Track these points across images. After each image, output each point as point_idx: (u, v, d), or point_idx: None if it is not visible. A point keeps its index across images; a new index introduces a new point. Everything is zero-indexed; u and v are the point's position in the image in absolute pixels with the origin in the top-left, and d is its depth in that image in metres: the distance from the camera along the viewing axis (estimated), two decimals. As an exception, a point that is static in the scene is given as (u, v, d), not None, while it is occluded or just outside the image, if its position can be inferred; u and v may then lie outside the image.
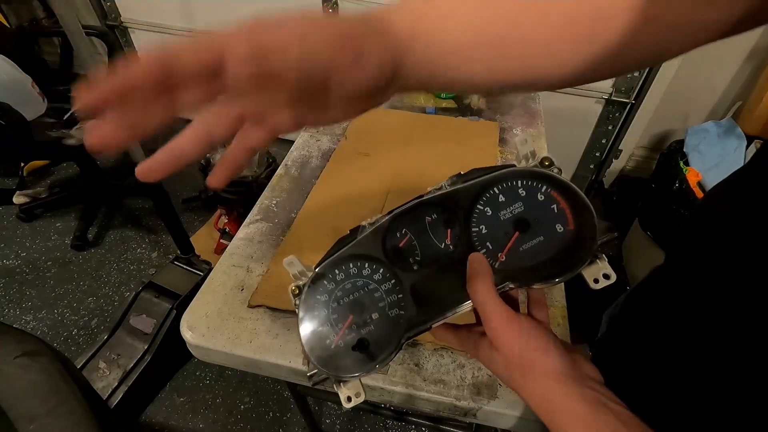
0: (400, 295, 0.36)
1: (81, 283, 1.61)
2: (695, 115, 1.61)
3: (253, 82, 0.24)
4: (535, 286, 0.34)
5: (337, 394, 0.36)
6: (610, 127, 1.64)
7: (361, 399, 0.36)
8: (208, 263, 1.39)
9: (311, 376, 0.36)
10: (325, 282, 0.37)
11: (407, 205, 0.37)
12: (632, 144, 1.75)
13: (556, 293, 0.62)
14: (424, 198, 0.37)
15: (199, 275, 1.33)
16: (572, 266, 0.33)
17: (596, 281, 0.33)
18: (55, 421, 0.57)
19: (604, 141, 1.69)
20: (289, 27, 0.25)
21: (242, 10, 1.85)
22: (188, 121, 0.27)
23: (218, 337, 0.58)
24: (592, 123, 1.66)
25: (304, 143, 0.91)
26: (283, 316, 0.59)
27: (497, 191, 0.35)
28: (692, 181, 1.26)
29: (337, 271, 0.37)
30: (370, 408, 1.01)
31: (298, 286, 0.37)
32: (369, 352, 0.36)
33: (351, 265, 0.37)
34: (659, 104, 1.58)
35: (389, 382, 0.53)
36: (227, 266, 0.67)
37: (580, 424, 0.27)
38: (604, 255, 0.33)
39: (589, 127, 1.68)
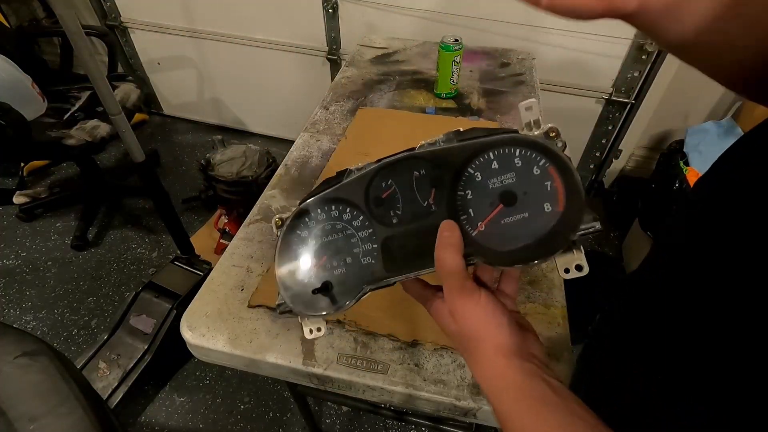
0: (375, 245, 0.36)
1: (81, 283, 1.61)
2: (695, 115, 1.61)
3: None
4: (504, 269, 0.34)
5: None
6: (610, 127, 1.64)
7: (322, 333, 0.37)
8: (208, 263, 1.39)
9: (279, 305, 0.37)
10: (307, 219, 0.37)
11: (397, 156, 0.36)
12: (632, 144, 1.74)
13: (556, 293, 0.62)
14: (416, 151, 0.35)
15: (199, 275, 1.33)
16: (547, 251, 0.31)
17: (567, 271, 0.31)
18: (55, 421, 0.57)
19: (604, 141, 1.69)
20: None
21: (242, 10, 1.86)
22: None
23: (218, 337, 0.58)
24: (592, 123, 1.66)
25: (304, 143, 0.91)
26: (283, 316, 0.59)
27: (492, 157, 0.33)
28: (692, 181, 1.26)
29: (319, 211, 0.37)
30: (370, 408, 1.01)
31: (281, 218, 0.38)
32: (331, 295, 0.37)
33: (333, 207, 0.37)
34: (659, 104, 1.58)
35: (389, 382, 0.53)
36: (227, 266, 0.67)
37: (513, 388, 0.30)
38: (581, 246, 0.31)
39: (589, 127, 1.68)
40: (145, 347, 1.25)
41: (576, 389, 0.34)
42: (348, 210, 0.37)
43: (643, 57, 1.43)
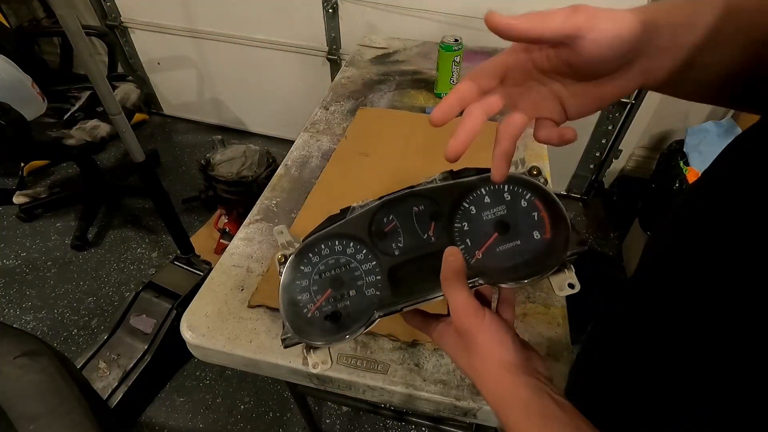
0: (378, 277, 0.38)
1: (81, 283, 1.61)
2: (695, 115, 1.61)
3: None
4: (503, 285, 0.36)
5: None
6: (610, 127, 1.64)
7: (328, 366, 0.38)
8: (208, 263, 1.39)
9: (285, 339, 0.38)
10: (311, 255, 0.39)
11: (398, 193, 0.39)
12: (632, 144, 1.74)
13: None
14: (415, 189, 0.39)
15: (199, 275, 1.33)
16: (541, 271, 0.35)
17: (561, 289, 0.35)
18: (55, 421, 0.57)
19: (604, 141, 1.69)
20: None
21: (242, 10, 1.85)
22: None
23: (218, 337, 0.58)
24: (592, 123, 1.66)
25: (304, 143, 0.91)
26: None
27: (484, 192, 0.37)
28: (692, 181, 1.26)
29: (323, 246, 0.39)
30: (370, 408, 1.01)
31: (284, 255, 0.39)
32: (340, 324, 0.38)
33: (337, 242, 0.39)
34: (659, 104, 1.58)
35: (389, 382, 0.53)
36: (227, 266, 0.67)
37: (521, 404, 0.31)
38: (572, 265, 0.35)
39: (589, 127, 1.68)
40: (145, 347, 1.25)
41: (572, 390, 0.34)
42: (352, 244, 0.39)
43: (643, 57, 1.42)
